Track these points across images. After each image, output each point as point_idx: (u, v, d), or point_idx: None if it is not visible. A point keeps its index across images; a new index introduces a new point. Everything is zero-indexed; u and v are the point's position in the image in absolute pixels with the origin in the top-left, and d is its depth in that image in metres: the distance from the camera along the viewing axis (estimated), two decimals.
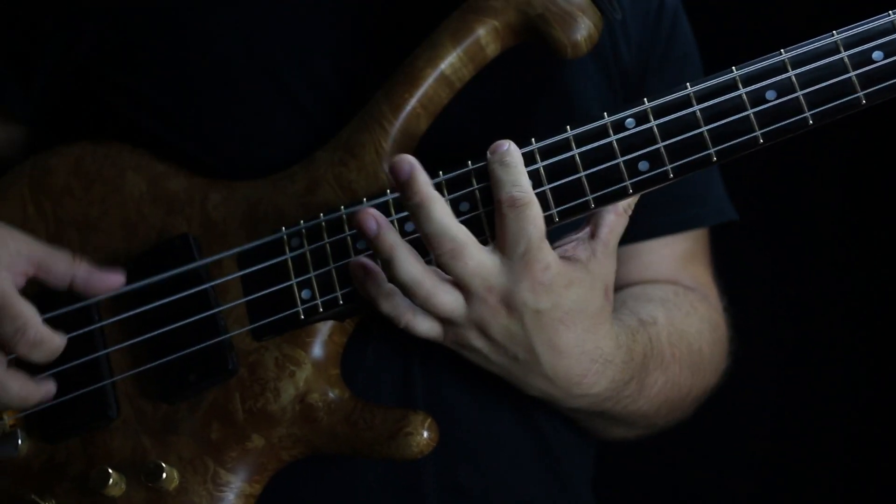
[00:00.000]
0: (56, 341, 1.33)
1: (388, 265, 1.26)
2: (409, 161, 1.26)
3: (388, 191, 1.35)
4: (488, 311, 1.27)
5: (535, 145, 1.32)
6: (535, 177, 1.30)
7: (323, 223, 1.36)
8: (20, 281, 1.34)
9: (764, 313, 2.34)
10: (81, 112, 1.50)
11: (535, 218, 1.25)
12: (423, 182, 1.26)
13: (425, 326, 1.30)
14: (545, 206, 1.29)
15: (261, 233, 1.39)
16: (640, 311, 1.49)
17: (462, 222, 1.30)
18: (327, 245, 1.35)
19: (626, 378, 1.38)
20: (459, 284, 1.27)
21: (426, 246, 1.26)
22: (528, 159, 1.31)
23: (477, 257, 1.25)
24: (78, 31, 1.46)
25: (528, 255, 1.25)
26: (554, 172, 1.30)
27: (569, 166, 1.30)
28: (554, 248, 1.28)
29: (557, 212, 1.29)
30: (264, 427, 1.35)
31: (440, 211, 1.25)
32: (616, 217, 1.29)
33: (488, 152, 1.29)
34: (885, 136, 2.18)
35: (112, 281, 1.35)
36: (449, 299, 1.27)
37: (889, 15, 1.27)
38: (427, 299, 1.26)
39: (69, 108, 1.50)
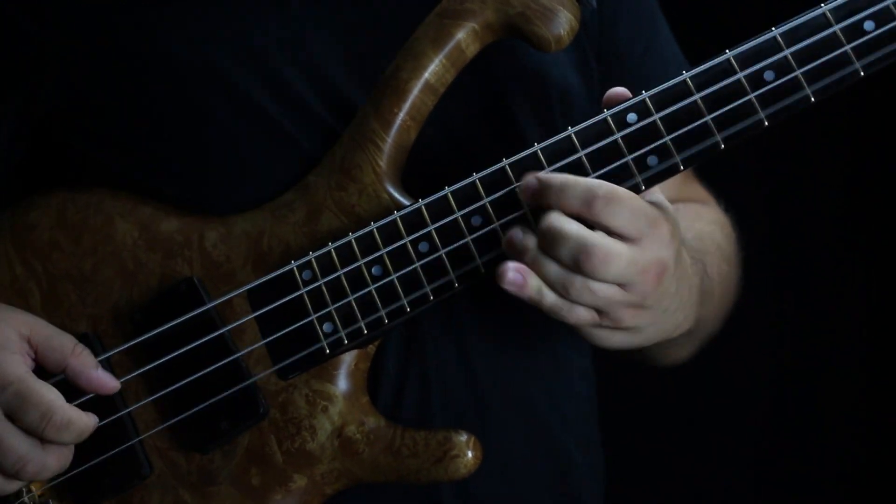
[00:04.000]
0: (84, 420, 1.31)
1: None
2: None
3: (395, 211, 1.33)
4: (646, 287, 1.25)
5: (537, 147, 1.31)
6: None
7: (333, 251, 1.34)
8: (29, 363, 1.32)
9: (765, 310, 2.38)
10: (52, 163, 1.45)
11: (630, 197, 1.23)
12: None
13: (584, 316, 1.27)
14: None
15: (268, 267, 1.36)
16: None
17: (477, 238, 1.30)
18: (342, 276, 1.33)
19: (700, 278, 1.40)
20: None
21: (572, 265, 1.22)
22: (535, 163, 1.31)
23: (625, 255, 1.23)
24: (37, 82, 1.41)
25: (651, 223, 1.24)
26: None
27: (577, 169, 1.30)
28: None
29: None
30: (305, 466, 1.35)
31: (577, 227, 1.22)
32: None
33: (524, 189, 1.27)
34: (886, 133, 2.20)
35: (104, 385, 1.33)
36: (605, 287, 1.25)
37: None
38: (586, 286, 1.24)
39: (38, 160, 1.45)
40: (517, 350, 1.48)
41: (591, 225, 1.24)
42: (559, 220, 1.23)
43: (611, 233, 1.23)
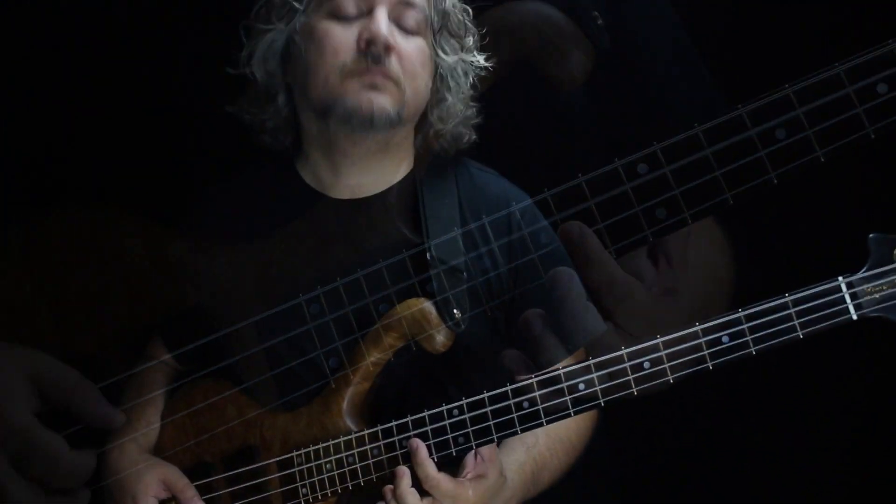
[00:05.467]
0: (89, 466, 1.30)
1: None
2: None
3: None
4: None
5: (547, 193, 1.31)
6: (553, 228, 1.31)
7: (341, 287, 1.35)
8: (34, 404, 1.31)
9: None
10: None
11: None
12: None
13: None
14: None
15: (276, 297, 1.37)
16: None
17: (488, 278, 1.32)
18: (349, 313, 1.34)
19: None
20: None
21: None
22: (544, 209, 1.31)
23: None
24: None
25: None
26: None
27: (587, 218, 1.31)
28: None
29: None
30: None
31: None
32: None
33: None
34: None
35: (109, 420, 1.31)
36: None
37: (890, 44, 1.27)
38: None
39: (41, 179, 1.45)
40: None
41: None
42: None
43: None
